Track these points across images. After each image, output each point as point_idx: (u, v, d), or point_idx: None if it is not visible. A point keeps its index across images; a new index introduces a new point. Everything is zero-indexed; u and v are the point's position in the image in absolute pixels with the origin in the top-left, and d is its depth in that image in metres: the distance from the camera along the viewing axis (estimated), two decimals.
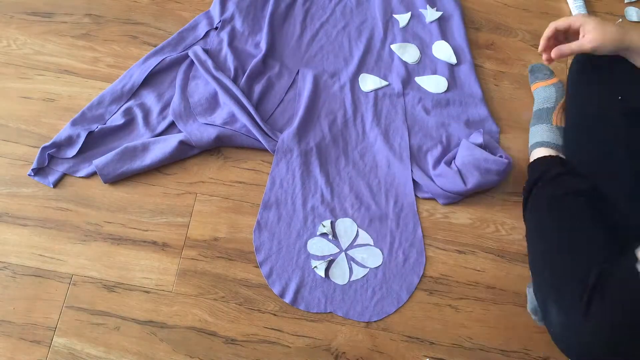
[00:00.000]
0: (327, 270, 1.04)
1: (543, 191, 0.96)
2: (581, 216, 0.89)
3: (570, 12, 1.35)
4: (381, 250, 1.07)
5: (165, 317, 0.99)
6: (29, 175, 1.08)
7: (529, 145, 1.13)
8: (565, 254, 0.85)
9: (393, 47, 1.27)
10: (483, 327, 1.03)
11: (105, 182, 1.08)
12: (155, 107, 1.16)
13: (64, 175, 1.09)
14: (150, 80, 1.19)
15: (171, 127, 1.15)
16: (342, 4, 1.32)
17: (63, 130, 1.11)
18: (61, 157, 1.10)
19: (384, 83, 1.23)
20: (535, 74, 1.22)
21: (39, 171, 1.09)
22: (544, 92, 1.16)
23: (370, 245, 1.07)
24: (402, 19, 1.31)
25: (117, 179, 1.09)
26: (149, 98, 1.17)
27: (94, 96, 1.17)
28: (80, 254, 1.03)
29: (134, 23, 1.26)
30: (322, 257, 1.06)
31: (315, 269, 1.04)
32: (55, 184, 1.08)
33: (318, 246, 1.06)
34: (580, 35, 0.89)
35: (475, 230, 1.11)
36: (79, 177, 1.09)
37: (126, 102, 1.16)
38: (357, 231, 1.08)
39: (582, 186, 0.92)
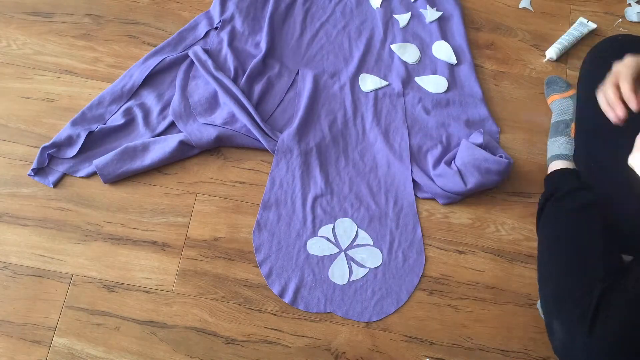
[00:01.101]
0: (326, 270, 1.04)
1: (556, 205, 0.96)
2: (591, 232, 0.89)
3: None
4: (381, 250, 1.07)
5: (165, 317, 0.99)
6: (29, 175, 1.08)
7: (547, 158, 1.13)
8: (571, 270, 0.85)
9: (393, 47, 1.27)
10: (483, 327, 1.03)
11: (105, 182, 1.08)
12: (155, 107, 1.16)
13: (64, 175, 1.09)
14: (150, 80, 1.19)
15: (171, 127, 1.15)
16: (342, 4, 1.32)
17: (63, 130, 1.11)
18: (61, 157, 1.10)
19: (384, 83, 1.23)
20: (551, 86, 1.21)
21: (39, 171, 1.09)
22: (562, 105, 1.16)
23: (370, 246, 1.07)
24: (402, 19, 1.31)
25: (117, 179, 1.09)
26: (149, 98, 1.17)
27: (94, 96, 1.17)
28: (80, 254, 1.03)
29: (134, 23, 1.26)
30: (322, 257, 1.06)
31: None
32: (55, 184, 1.08)
33: (318, 246, 1.06)
34: None
35: (475, 230, 1.11)
36: (79, 177, 1.09)
37: (126, 102, 1.16)
38: (357, 231, 1.08)
39: (594, 199, 0.92)
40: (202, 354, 0.98)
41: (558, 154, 1.09)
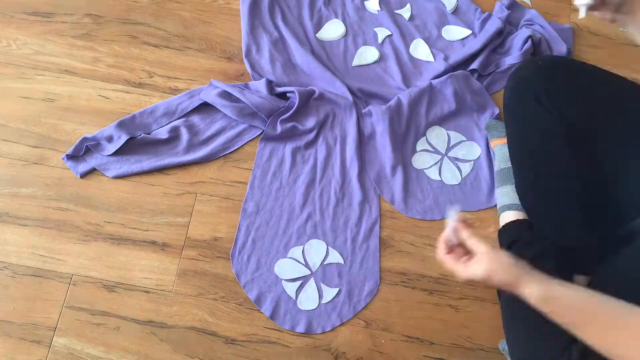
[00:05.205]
0: None
1: None
2: None
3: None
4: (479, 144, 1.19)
5: (165, 317, 0.99)
6: (62, 159, 1.09)
7: (498, 208, 1.09)
8: (541, 334, 0.81)
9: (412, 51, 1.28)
10: (483, 327, 1.03)
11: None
12: (202, 133, 1.15)
13: (93, 170, 1.10)
14: (205, 107, 1.17)
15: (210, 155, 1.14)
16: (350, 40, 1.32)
17: (108, 127, 1.12)
18: (98, 152, 1.10)
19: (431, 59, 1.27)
20: (491, 131, 1.17)
21: (72, 158, 1.10)
22: (502, 150, 1.11)
23: (465, 141, 1.19)
24: (404, 12, 1.32)
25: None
26: (200, 123, 1.16)
27: (93, 96, 1.17)
28: (80, 254, 1.03)
29: (134, 23, 1.26)
30: None
31: None
32: (83, 175, 1.09)
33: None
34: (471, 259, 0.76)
35: (475, 230, 1.10)
36: (108, 176, 1.09)
37: (176, 120, 1.16)
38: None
39: (544, 246, 0.91)
40: (202, 354, 0.98)
41: (508, 204, 1.05)
